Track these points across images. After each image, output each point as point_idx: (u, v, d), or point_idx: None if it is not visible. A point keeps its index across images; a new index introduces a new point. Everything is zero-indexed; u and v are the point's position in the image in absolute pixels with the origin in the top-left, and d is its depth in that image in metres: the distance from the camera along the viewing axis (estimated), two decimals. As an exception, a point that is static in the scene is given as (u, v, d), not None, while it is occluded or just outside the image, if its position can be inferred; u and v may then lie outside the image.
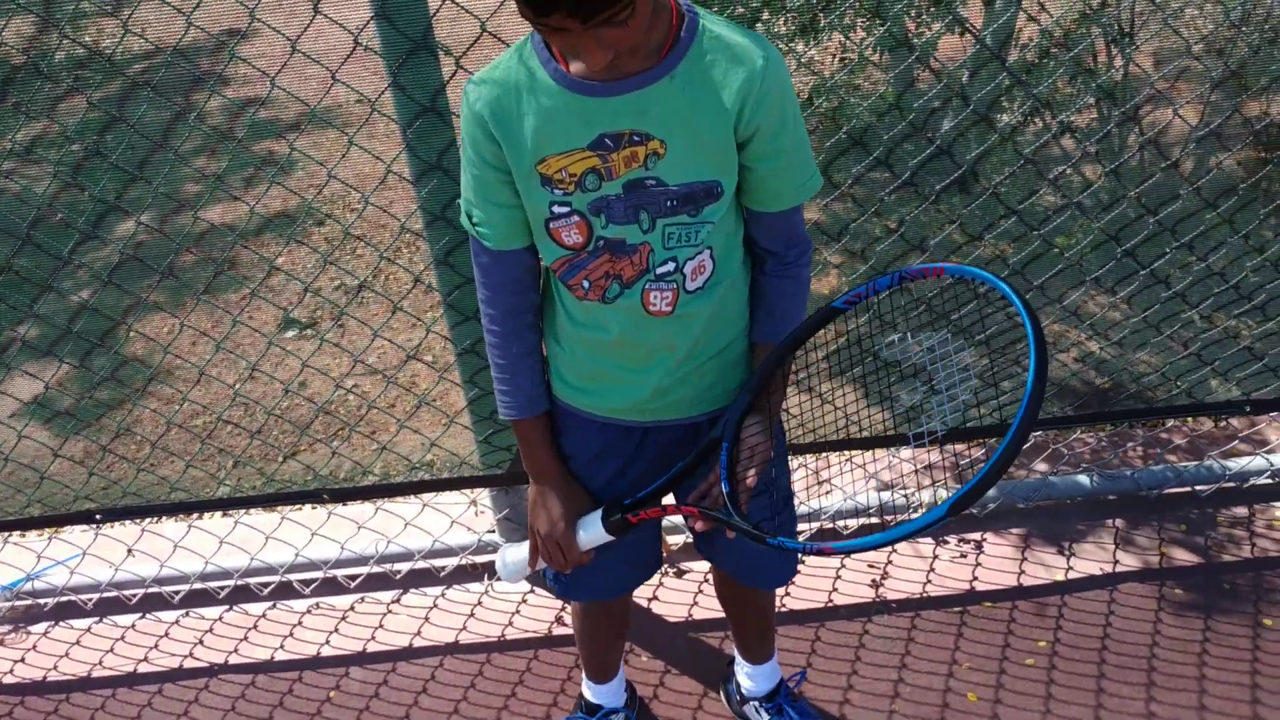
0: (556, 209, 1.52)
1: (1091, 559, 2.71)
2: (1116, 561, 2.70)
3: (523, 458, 1.80)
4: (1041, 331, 1.39)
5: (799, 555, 2.02)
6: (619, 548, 1.80)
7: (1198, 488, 2.83)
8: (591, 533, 1.74)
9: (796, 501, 2.03)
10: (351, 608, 2.80)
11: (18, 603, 2.88)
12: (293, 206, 4.38)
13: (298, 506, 2.85)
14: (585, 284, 1.58)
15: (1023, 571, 2.70)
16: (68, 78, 5.25)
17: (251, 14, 1.96)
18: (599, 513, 1.72)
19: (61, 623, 2.86)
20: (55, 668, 2.73)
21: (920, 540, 2.80)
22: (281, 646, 2.72)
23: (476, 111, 1.49)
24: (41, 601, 2.88)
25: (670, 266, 1.55)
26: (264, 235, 4.24)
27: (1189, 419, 3.03)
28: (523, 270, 1.63)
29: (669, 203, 1.50)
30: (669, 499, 1.78)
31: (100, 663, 2.73)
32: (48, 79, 4.91)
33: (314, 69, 2.06)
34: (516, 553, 1.92)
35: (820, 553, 1.46)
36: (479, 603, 2.77)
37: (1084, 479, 2.83)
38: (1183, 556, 2.69)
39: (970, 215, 3.22)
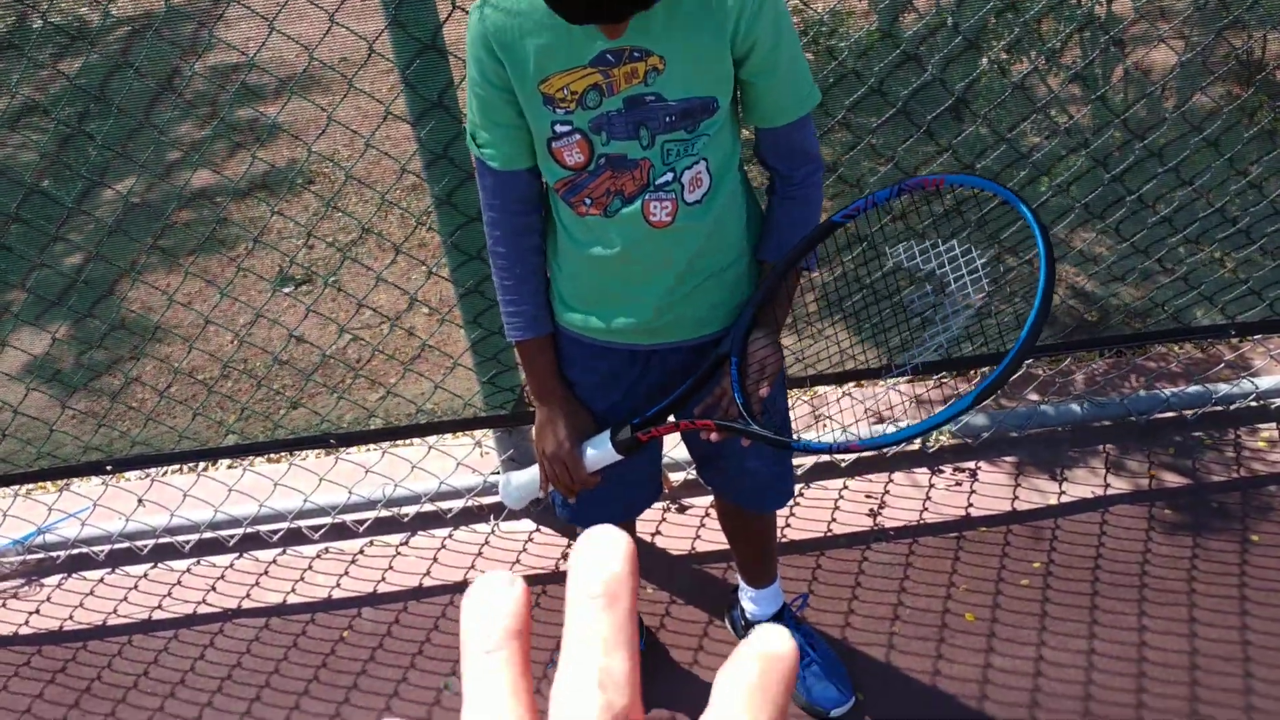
0: (559, 128, 1.56)
1: (1083, 484, 2.77)
2: (1108, 485, 2.77)
3: (528, 380, 1.85)
4: (1048, 232, 1.44)
5: (790, 497, 2.08)
6: (622, 471, 1.85)
7: (1186, 412, 2.90)
8: (601, 451, 1.78)
9: (794, 434, 2.08)
10: (361, 551, 2.85)
11: (30, 556, 2.93)
12: (284, 162, 4.38)
13: (304, 454, 2.89)
14: (587, 201, 1.62)
15: (1017, 497, 2.76)
16: (65, 30, 5.22)
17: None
18: (607, 433, 1.77)
19: (74, 574, 2.90)
20: (70, 618, 2.78)
21: (916, 470, 2.86)
22: (293, 590, 2.77)
23: (481, 33, 1.54)
24: (54, 554, 2.92)
25: (669, 177, 1.59)
26: (257, 192, 4.24)
27: (1176, 345, 3.09)
28: (527, 190, 1.68)
29: (668, 118, 1.55)
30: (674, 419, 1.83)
31: (114, 611, 2.78)
32: (50, 29, 4.89)
33: (305, 16, 2.08)
34: (521, 477, 1.97)
35: (846, 450, 1.52)
36: (486, 542, 2.82)
37: (1075, 407, 2.90)
38: (1172, 479, 2.76)
39: (960, 147, 3.25)
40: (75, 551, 2.92)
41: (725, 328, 1.77)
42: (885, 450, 2.89)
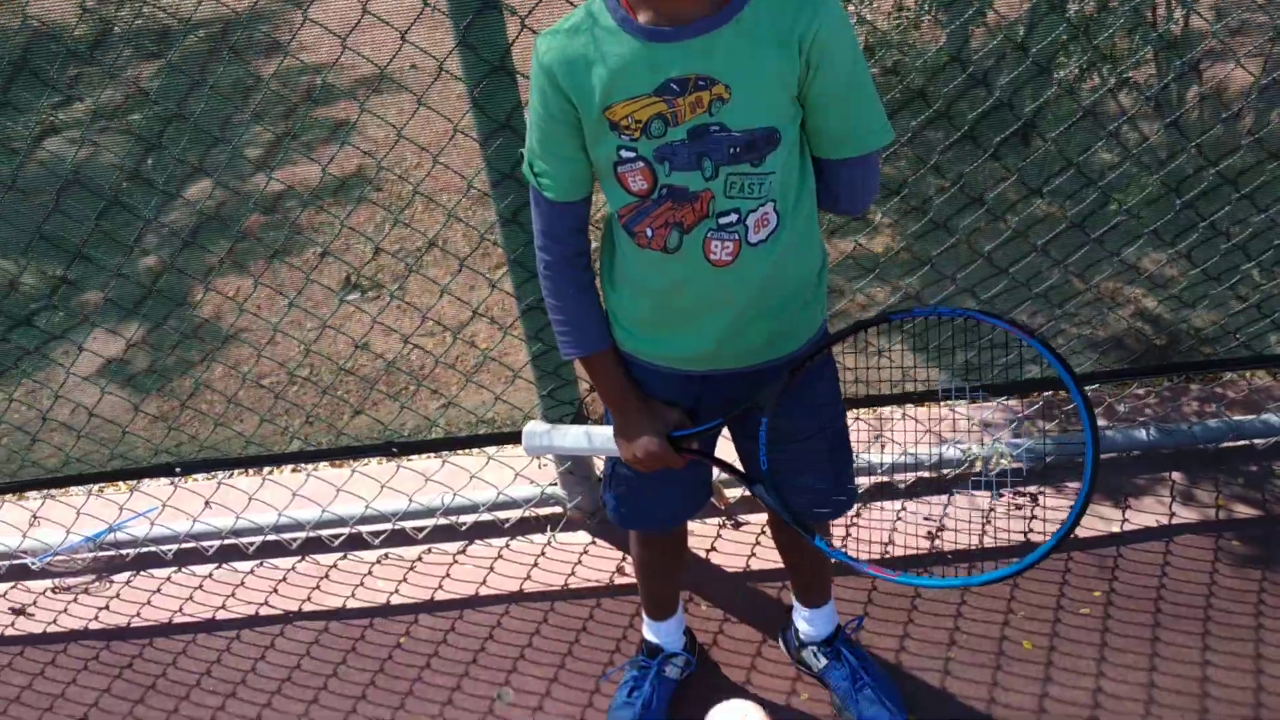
0: (624, 153, 1.57)
1: (1148, 512, 2.72)
2: (1173, 514, 2.71)
3: (600, 393, 1.85)
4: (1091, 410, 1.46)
5: (849, 508, 2.08)
6: (671, 480, 1.87)
7: (1256, 441, 2.83)
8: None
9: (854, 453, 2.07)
10: (419, 558, 2.89)
11: (101, 553, 3.01)
12: (352, 171, 4.46)
13: (366, 461, 2.94)
14: (649, 231, 1.63)
15: (1079, 524, 2.71)
16: (146, 44, 5.39)
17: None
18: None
19: (143, 572, 2.97)
20: (138, 614, 2.85)
21: (977, 492, 2.83)
22: (353, 595, 2.82)
23: (546, 64, 1.56)
24: (124, 552, 3.00)
25: (733, 217, 1.59)
26: (326, 200, 4.33)
27: (1247, 373, 3.02)
28: (579, 220, 1.70)
29: (732, 149, 1.54)
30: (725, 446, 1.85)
31: (180, 610, 2.85)
32: (131, 43, 5.05)
33: (371, 34, 2.12)
34: (563, 439, 1.95)
35: (867, 573, 1.53)
36: (542, 553, 2.85)
37: (1141, 433, 2.84)
38: (1241, 510, 2.70)
39: (1029, 169, 3.21)
40: (144, 550, 3.00)
41: (785, 355, 1.78)
42: (946, 473, 2.87)
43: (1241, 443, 2.84)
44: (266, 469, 3.02)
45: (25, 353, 3.59)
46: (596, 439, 1.91)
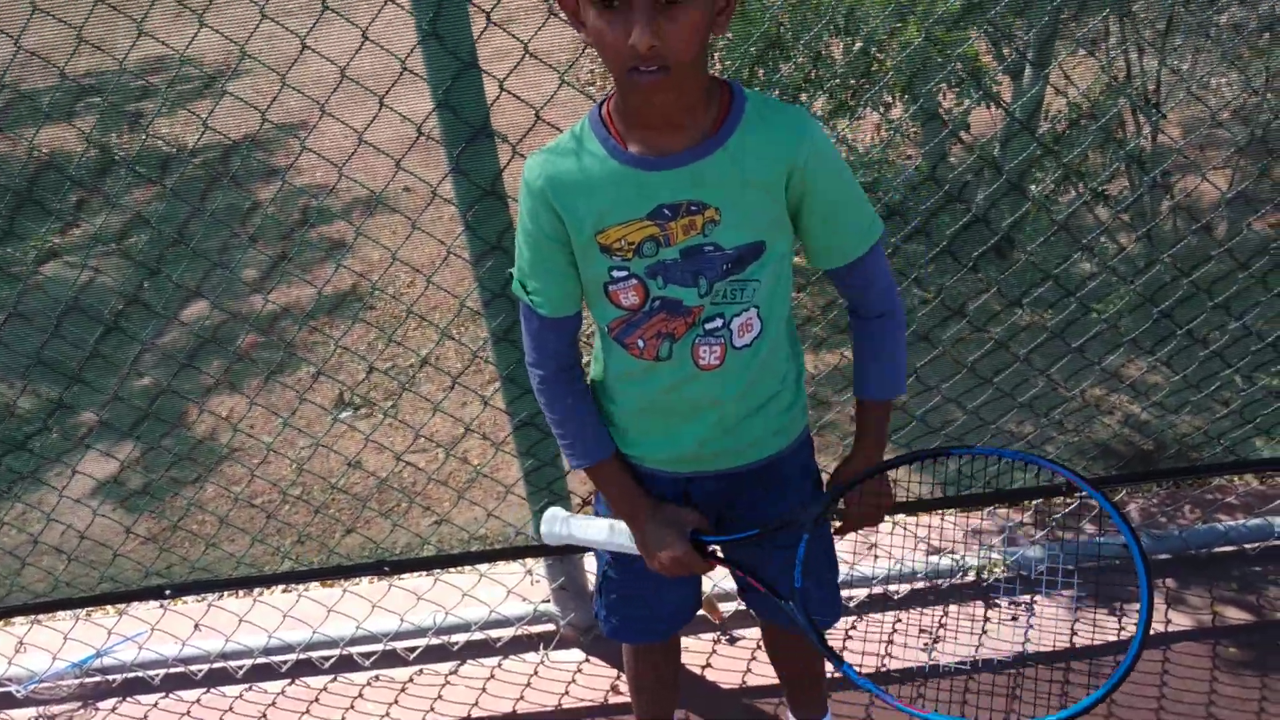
0: (615, 273, 1.61)
1: (1143, 619, 2.71)
2: (1169, 621, 2.70)
3: (610, 505, 1.85)
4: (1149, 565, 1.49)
5: (839, 613, 2.09)
6: (663, 588, 1.87)
7: (1247, 546, 2.84)
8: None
9: (845, 568, 2.09)
10: (410, 679, 2.85)
11: (87, 679, 2.96)
12: (347, 290, 4.53)
13: (357, 580, 2.92)
14: (640, 343, 1.67)
15: (1075, 632, 2.71)
16: (146, 171, 5.52)
17: (322, 108, 2.09)
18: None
19: (129, 698, 2.92)
20: (123, 743, 2.80)
21: (971, 602, 2.82)
22: (342, 719, 2.77)
23: (538, 186, 1.60)
24: (110, 678, 2.95)
25: (718, 323, 1.64)
26: (318, 317, 4.39)
27: (1234, 477, 3.05)
28: (571, 334, 1.74)
29: (724, 265, 1.59)
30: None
31: (166, 738, 2.79)
32: (133, 170, 5.18)
33: (365, 160, 2.19)
34: (584, 530, 1.91)
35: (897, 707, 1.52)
36: (535, 673, 2.81)
37: (1132, 539, 2.85)
38: (1236, 615, 2.69)
39: (1007, 282, 3.29)
40: (131, 675, 2.95)
41: (763, 458, 1.80)
42: (940, 582, 2.87)
43: (1232, 547, 2.85)
44: (257, 590, 3.00)
45: (19, 477, 3.59)
46: (620, 533, 1.87)
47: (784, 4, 2.92)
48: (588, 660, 2.82)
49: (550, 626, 2.88)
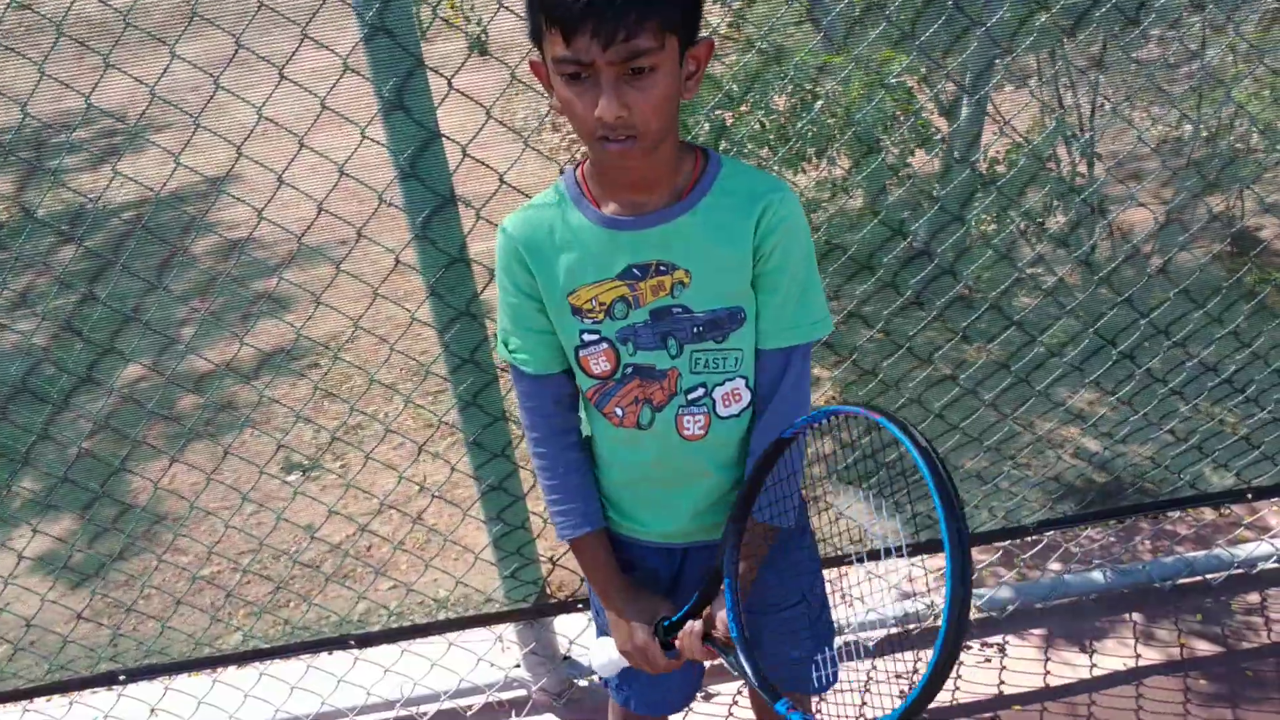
0: (586, 336, 1.60)
1: (1114, 655, 2.74)
2: (1139, 656, 2.73)
3: (589, 581, 1.80)
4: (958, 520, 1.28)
5: (834, 682, 2.05)
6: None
7: (1209, 576, 2.89)
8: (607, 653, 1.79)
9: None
10: (379, 754, 2.77)
11: (36, 773, 2.82)
12: (288, 345, 4.43)
13: (321, 654, 2.83)
14: (619, 411, 1.64)
15: (1048, 671, 2.72)
16: (59, 227, 5.37)
17: (279, 178, 2.04)
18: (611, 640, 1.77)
19: (81, 792, 2.79)
20: (77, 838, 2.67)
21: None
22: (311, 800, 2.67)
23: (512, 247, 1.59)
24: (61, 770, 2.82)
25: (700, 392, 1.61)
26: (262, 374, 4.28)
27: (1193, 509, 3.10)
28: (562, 393, 1.69)
29: (695, 329, 1.58)
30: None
31: (123, 830, 2.67)
32: (45, 226, 5.03)
33: (324, 219, 2.14)
34: (607, 653, 1.88)
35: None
36: (508, 740, 2.75)
37: (1098, 575, 2.88)
38: (1203, 646, 2.73)
39: (955, 313, 3.32)
40: (83, 766, 2.82)
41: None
42: (912, 628, 2.86)
43: (1195, 579, 2.89)
44: (217, 669, 2.89)
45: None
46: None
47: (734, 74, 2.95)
48: (561, 726, 2.77)
49: (522, 692, 2.82)
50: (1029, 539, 2.85)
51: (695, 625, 1.69)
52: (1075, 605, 2.88)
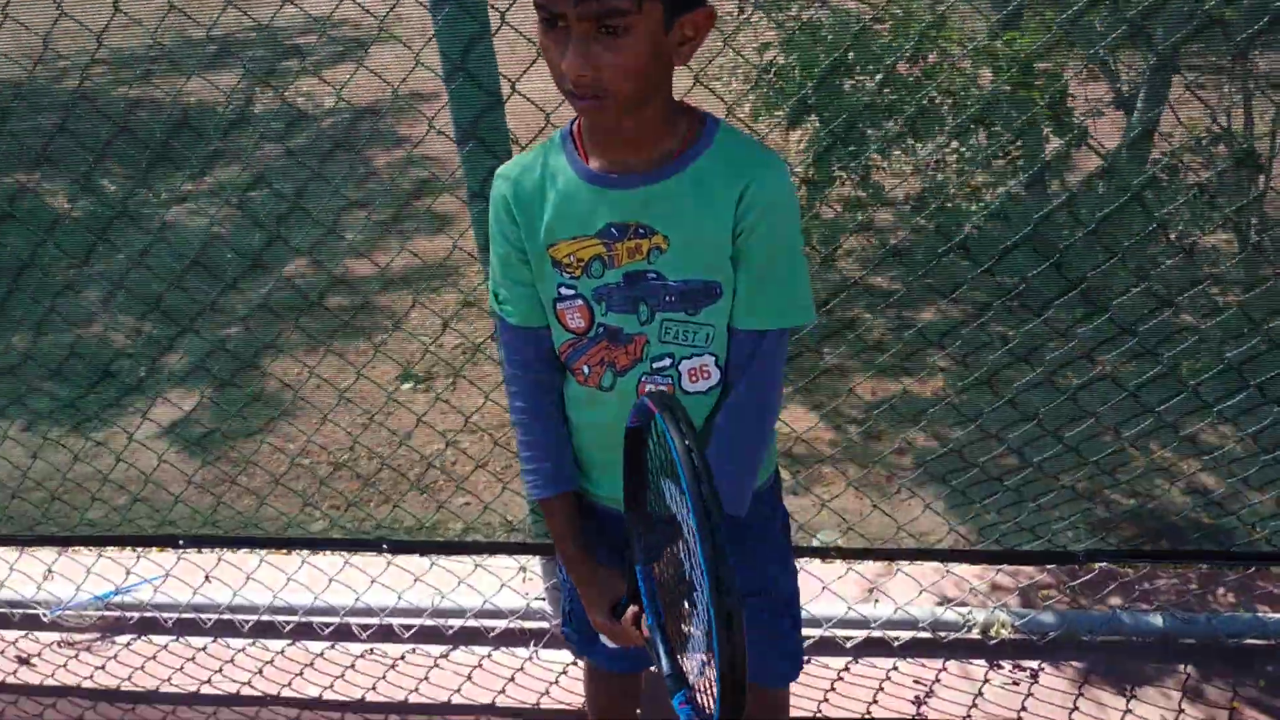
0: (563, 290, 1.59)
1: (1153, 704, 2.54)
2: (1181, 711, 2.53)
3: (555, 542, 1.79)
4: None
5: (792, 678, 2.00)
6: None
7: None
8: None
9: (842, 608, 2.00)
10: (403, 657, 2.89)
11: (107, 613, 3.10)
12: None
13: (355, 553, 2.97)
14: (585, 369, 1.64)
15: (1076, 708, 2.56)
16: (270, 124, 5.79)
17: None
18: None
19: (143, 637, 3.05)
20: (129, 679, 2.91)
21: (973, 660, 2.69)
22: (331, 686, 2.83)
23: (501, 195, 1.61)
24: (128, 615, 3.09)
25: (666, 362, 1.59)
26: (391, 291, 4.49)
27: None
28: (543, 348, 1.69)
29: (668, 297, 1.55)
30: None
31: (169, 680, 2.90)
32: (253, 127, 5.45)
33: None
34: None
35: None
36: (521, 669, 2.81)
37: (1157, 619, 2.67)
38: (1254, 715, 2.50)
39: (1086, 330, 3.11)
40: (147, 615, 3.07)
41: None
42: (942, 635, 2.74)
43: (1266, 641, 2.64)
44: (264, 550, 3.08)
45: (106, 405, 3.78)
46: None
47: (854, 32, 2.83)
48: (575, 663, 2.81)
49: (544, 624, 2.88)
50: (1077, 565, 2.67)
51: (634, 609, 1.67)
52: (1125, 645, 2.69)
